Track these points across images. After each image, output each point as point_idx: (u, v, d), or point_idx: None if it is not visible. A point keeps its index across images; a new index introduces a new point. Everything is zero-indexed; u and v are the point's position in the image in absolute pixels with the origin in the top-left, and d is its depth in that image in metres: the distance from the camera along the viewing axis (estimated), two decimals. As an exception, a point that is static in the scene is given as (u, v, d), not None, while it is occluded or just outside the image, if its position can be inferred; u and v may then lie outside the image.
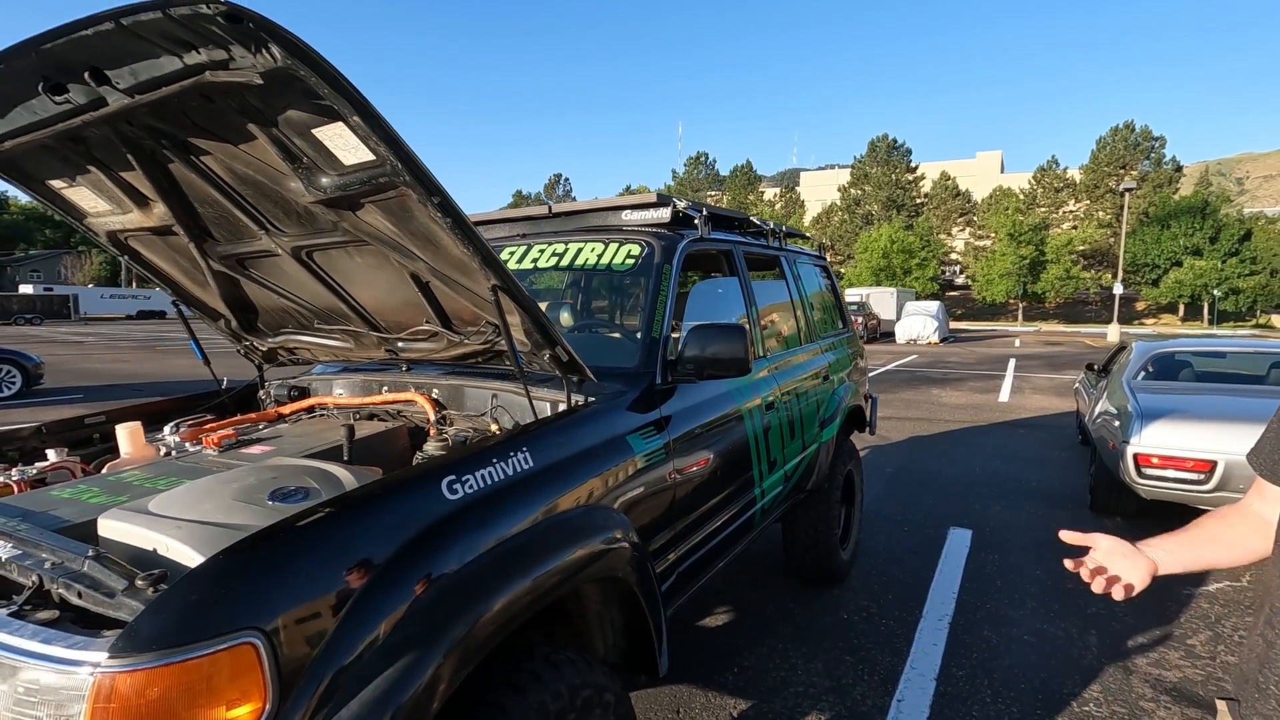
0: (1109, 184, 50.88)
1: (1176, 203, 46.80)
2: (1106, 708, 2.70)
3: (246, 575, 1.06)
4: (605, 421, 1.91)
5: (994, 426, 8.78)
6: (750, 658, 3.05)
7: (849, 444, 3.97)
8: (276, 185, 1.66)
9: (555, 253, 2.72)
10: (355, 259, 1.92)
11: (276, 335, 2.46)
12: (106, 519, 1.33)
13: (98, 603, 1.08)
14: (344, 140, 1.41)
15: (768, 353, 3.11)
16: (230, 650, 0.98)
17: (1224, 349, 6.13)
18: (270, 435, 2.13)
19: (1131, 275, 45.65)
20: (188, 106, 1.45)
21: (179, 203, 1.88)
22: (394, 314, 2.12)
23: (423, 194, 1.45)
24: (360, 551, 1.18)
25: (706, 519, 2.37)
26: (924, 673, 2.93)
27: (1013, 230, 45.74)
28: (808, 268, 4.01)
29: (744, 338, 2.13)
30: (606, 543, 1.67)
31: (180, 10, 1.12)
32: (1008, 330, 38.45)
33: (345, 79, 1.23)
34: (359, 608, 1.14)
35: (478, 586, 1.31)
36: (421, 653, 1.18)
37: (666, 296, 2.36)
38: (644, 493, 1.96)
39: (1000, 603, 3.62)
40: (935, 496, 5.55)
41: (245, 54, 1.21)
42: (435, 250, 1.68)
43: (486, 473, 1.47)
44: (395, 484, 1.35)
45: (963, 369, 16.31)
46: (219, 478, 1.49)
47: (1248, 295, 42.93)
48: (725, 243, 3.01)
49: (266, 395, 2.63)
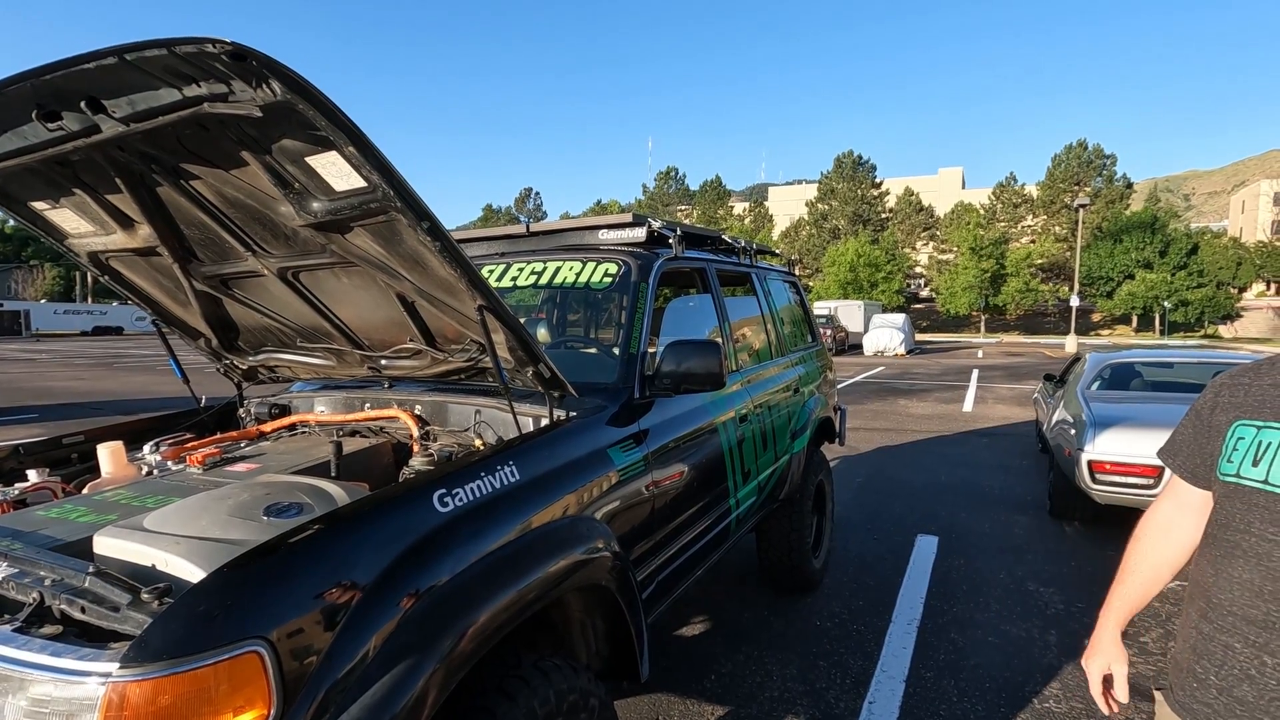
0: (1064, 200, 52.66)
1: (1128, 218, 48.68)
2: (1065, 703, 2.83)
3: (250, 587, 1.10)
4: (587, 435, 1.98)
5: (959, 436, 9.03)
6: (727, 665, 3.12)
7: (819, 455, 4.09)
8: (266, 209, 1.71)
9: (534, 271, 2.79)
10: (341, 279, 1.96)
11: (257, 353, 2.48)
12: (102, 536, 1.36)
13: (101, 617, 1.11)
14: (337, 168, 1.47)
15: (740, 367, 3.21)
16: (237, 659, 1.02)
17: (1171, 359, 6.46)
18: (253, 453, 2.15)
19: (1087, 288, 47.22)
20: (182, 134, 1.49)
21: (165, 225, 1.91)
22: (378, 332, 2.17)
23: (413, 219, 1.51)
24: (358, 563, 1.23)
25: (684, 528, 2.45)
26: (894, 675, 3.03)
27: (974, 244, 47.06)
28: (777, 283, 4.14)
29: (718, 353, 2.22)
30: (590, 552, 1.74)
31: (185, 48, 1.17)
32: (971, 342, 39.41)
33: (343, 113, 1.29)
34: (357, 617, 1.19)
35: (470, 596, 1.36)
36: (416, 660, 1.23)
37: (643, 313, 2.45)
38: (624, 503, 2.03)
39: (966, 606, 3.75)
40: (903, 505, 5.70)
41: (246, 88, 1.27)
42: (422, 271, 1.74)
43: (475, 486, 1.53)
44: (388, 498, 1.40)
45: (928, 380, 16.70)
46: (212, 494, 1.52)
47: (1196, 307, 44.76)
48: (699, 260, 3.11)
49: (246, 413, 2.64)
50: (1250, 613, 1.10)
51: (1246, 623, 1.11)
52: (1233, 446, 1.17)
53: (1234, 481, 1.15)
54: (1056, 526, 5.12)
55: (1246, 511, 1.14)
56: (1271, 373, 1.19)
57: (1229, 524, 1.17)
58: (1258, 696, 1.08)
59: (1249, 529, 1.13)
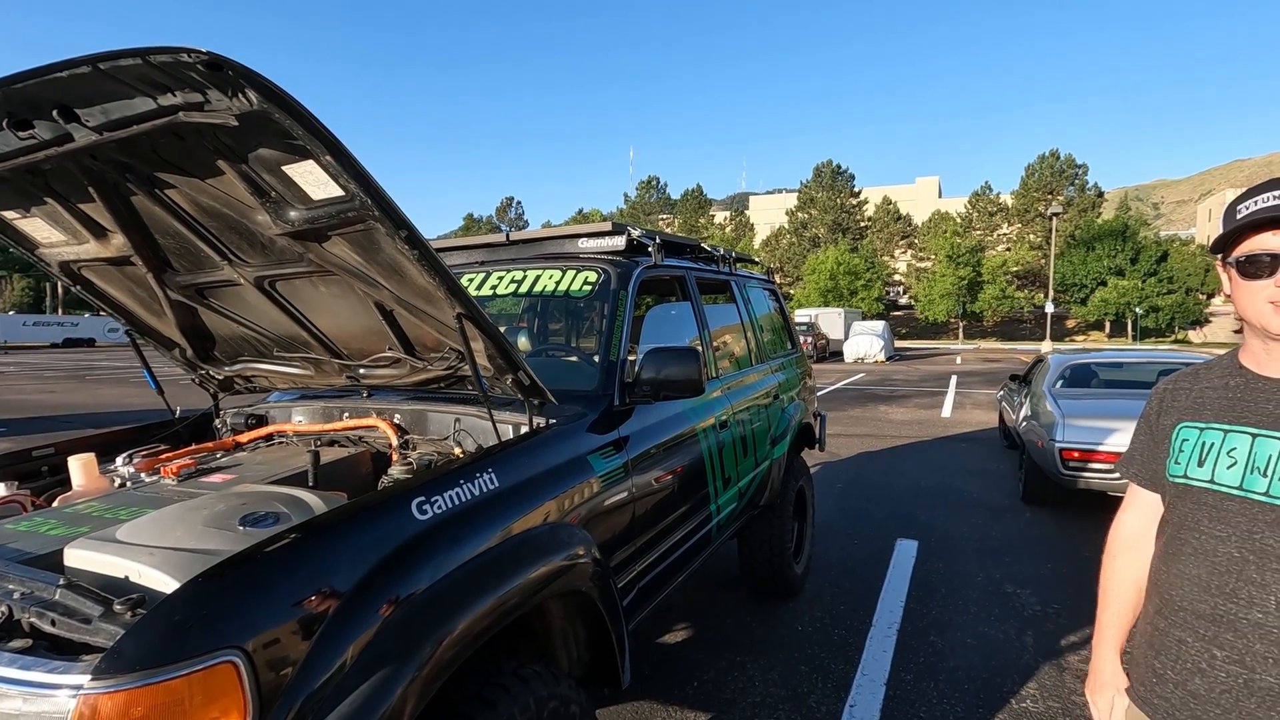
0: (1038, 208, 53.66)
1: (1100, 226, 49.74)
2: (1042, 703, 2.87)
3: (226, 597, 1.09)
4: (567, 442, 1.99)
5: (938, 441, 9.14)
6: (710, 671, 3.13)
7: (800, 460, 4.12)
8: (243, 218, 1.70)
9: (514, 279, 2.80)
10: (319, 288, 1.96)
11: (233, 363, 2.46)
12: (73, 549, 1.34)
13: (72, 630, 1.09)
14: (314, 177, 1.47)
15: (720, 373, 3.23)
16: (212, 669, 1.02)
17: (1121, 360, 7.17)
18: (229, 464, 2.13)
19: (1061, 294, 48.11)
20: (157, 143, 1.49)
21: (139, 234, 1.89)
22: (356, 341, 2.16)
23: (390, 228, 1.51)
24: (336, 572, 1.23)
25: (665, 535, 2.46)
26: (874, 678, 3.06)
27: (951, 252, 47.80)
28: (757, 291, 4.18)
29: (698, 360, 2.24)
30: (570, 559, 1.74)
31: (161, 58, 1.17)
32: (949, 348, 39.93)
33: (319, 122, 1.29)
34: (334, 626, 1.19)
35: (449, 603, 1.36)
36: (395, 669, 1.23)
37: (623, 321, 2.46)
38: (605, 510, 2.04)
39: (945, 609, 3.79)
40: (883, 509, 5.76)
41: (222, 98, 1.27)
42: (401, 280, 1.74)
43: (454, 493, 1.53)
44: (367, 505, 1.40)
45: (908, 386, 16.89)
46: (187, 505, 1.51)
47: (1166, 312, 45.78)
48: (678, 269, 3.14)
49: (222, 424, 2.61)
50: (1199, 607, 1.15)
51: (1196, 617, 1.15)
52: (1178, 448, 1.22)
53: (1182, 482, 1.20)
54: (1033, 529, 5.20)
55: (1194, 510, 1.18)
56: (1209, 376, 1.24)
57: (1179, 523, 1.21)
58: (1209, 689, 1.12)
59: (1197, 527, 1.17)
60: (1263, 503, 1.09)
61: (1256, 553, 1.09)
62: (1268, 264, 1.08)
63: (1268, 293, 1.09)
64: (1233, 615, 1.10)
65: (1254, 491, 1.10)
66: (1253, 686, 1.07)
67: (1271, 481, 1.08)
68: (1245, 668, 1.08)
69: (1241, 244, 1.12)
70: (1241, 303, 1.14)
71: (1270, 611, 1.06)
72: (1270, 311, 1.09)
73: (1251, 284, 1.11)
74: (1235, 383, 1.19)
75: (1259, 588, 1.08)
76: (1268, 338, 1.14)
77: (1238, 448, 1.13)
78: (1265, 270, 1.09)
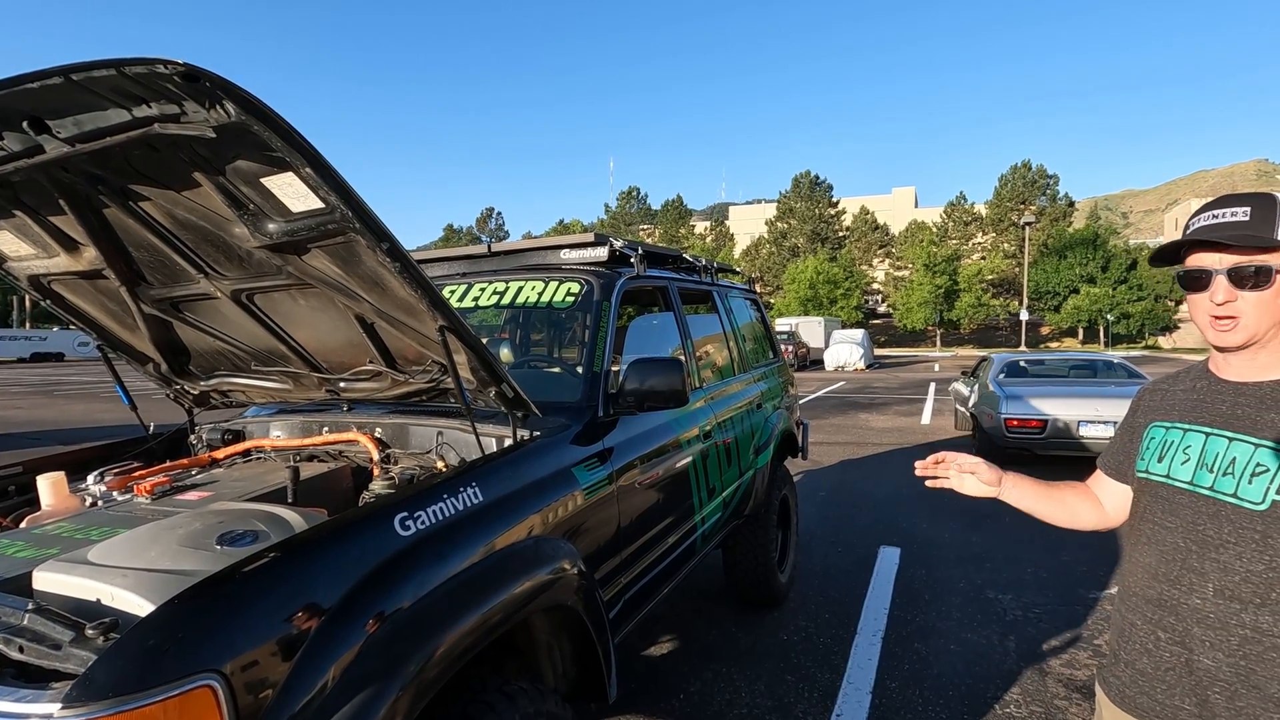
0: (1011, 218, 54.67)
1: (1071, 235, 50.78)
2: (1026, 708, 2.89)
3: (203, 619, 1.06)
4: (551, 455, 1.97)
5: (918, 448, 9.22)
6: (696, 683, 3.11)
7: (783, 469, 4.13)
8: (220, 230, 1.67)
9: (496, 291, 2.78)
10: (298, 301, 1.93)
11: (210, 378, 2.41)
12: (43, 571, 1.30)
13: (42, 656, 1.06)
14: (294, 189, 1.45)
15: (703, 383, 3.24)
16: (189, 694, 0.99)
17: (1044, 358, 9.66)
18: (206, 480, 2.08)
19: (1035, 302, 48.97)
20: (130, 155, 1.46)
21: (112, 247, 1.85)
22: (336, 354, 2.13)
23: (372, 240, 1.49)
24: (317, 590, 1.20)
25: (650, 546, 2.45)
26: (860, 687, 3.06)
27: (928, 261, 48.45)
28: (739, 301, 4.20)
29: (681, 370, 2.24)
30: (555, 572, 1.73)
31: (136, 69, 1.15)
32: (927, 355, 40.41)
33: (299, 134, 1.28)
34: (316, 646, 1.16)
35: (434, 620, 1.34)
36: (379, 689, 1.20)
37: (606, 332, 2.46)
38: (590, 523, 2.02)
39: (929, 615, 3.81)
40: (866, 517, 5.79)
41: (199, 109, 1.25)
42: (382, 292, 1.72)
43: (438, 508, 1.51)
44: (348, 522, 1.37)
45: (887, 394, 17.05)
46: (162, 524, 1.47)
47: (1137, 319, 46.78)
48: (661, 279, 3.14)
49: (198, 440, 2.56)
50: (1148, 593, 1.23)
51: (1145, 602, 1.23)
52: (1146, 445, 1.30)
53: (1144, 476, 1.29)
54: (1012, 534, 5.26)
55: (1151, 502, 1.26)
56: (1185, 379, 1.32)
57: (1139, 514, 1.30)
58: (1155, 668, 1.20)
59: (1151, 518, 1.25)
60: (1206, 496, 1.16)
61: (1198, 543, 1.16)
62: (1200, 279, 1.16)
63: (1205, 306, 1.17)
64: (1175, 600, 1.18)
65: (1201, 486, 1.17)
66: (1192, 666, 1.15)
67: (1216, 477, 1.15)
68: (1185, 649, 1.16)
69: (1187, 259, 1.20)
70: (1191, 314, 1.23)
71: (1208, 598, 1.14)
72: (1209, 324, 1.17)
73: (1194, 297, 1.19)
74: (1201, 385, 1.26)
75: (1199, 575, 1.15)
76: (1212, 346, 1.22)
77: (1193, 445, 1.21)
78: (1199, 285, 1.16)
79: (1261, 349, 1.16)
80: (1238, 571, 1.11)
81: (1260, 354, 1.16)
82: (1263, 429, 1.13)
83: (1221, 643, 1.12)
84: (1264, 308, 1.12)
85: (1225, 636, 1.12)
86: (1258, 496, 1.10)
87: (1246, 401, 1.17)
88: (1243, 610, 1.11)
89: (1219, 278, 1.14)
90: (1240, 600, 1.11)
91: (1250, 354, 1.17)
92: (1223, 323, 1.15)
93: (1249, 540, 1.11)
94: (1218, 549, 1.14)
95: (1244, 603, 1.11)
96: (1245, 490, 1.12)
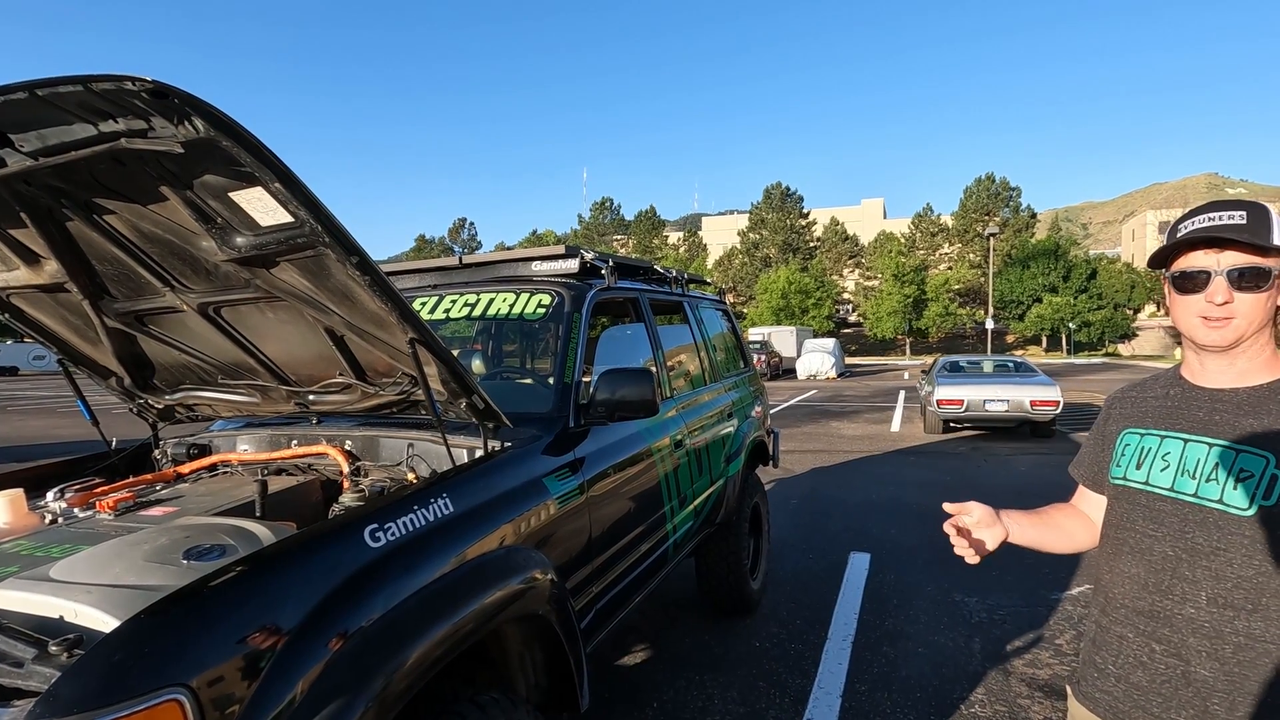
0: (976, 229, 55.99)
1: (1034, 246, 52.16)
2: (990, 708, 2.96)
3: (169, 634, 1.06)
4: (522, 465, 1.99)
5: (887, 455, 9.38)
6: (670, 691, 3.13)
7: (754, 477, 4.18)
8: (187, 244, 1.67)
9: (467, 303, 2.80)
10: (266, 314, 1.92)
11: (175, 392, 2.38)
12: (3, 589, 1.27)
13: (3, 674, 1.05)
14: (262, 203, 1.45)
15: (674, 393, 3.28)
16: (155, 709, 0.98)
17: (974, 360, 12.96)
18: (170, 496, 2.05)
19: (1000, 311, 50.13)
20: (96, 169, 1.45)
21: (74, 260, 1.83)
22: (305, 367, 2.12)
23: (341, 254, 1.50)
24: (285, 603, 1.20)
25: (622, 555, 2.47)
26: (830, 690, 3.10)
27: (896, 271, 49.38)
28: (709, 311, 4.26)
29: (651, 380, 2.27)
30: (526, 582, 1.74)
31: (103, 85, 1.15)
32: (897, 364, 41.07)
33: (268, 150, 1.29)
34: (285, 660, 1.16)
35: (404, 632, 1.34)
36: (348, 701, 1.20)
37: (577, 343, 2.49)
38: (561, 532, 2.04)
39: (897, 619, 3.88)
40: (837, 523, 5.87)
41: (167, 125, 1.25)
42: (352, 305, 1.73)
43: (408, 520, 1.52)
44: (317, 535, 1.38)
45: (858, 402, 17.29)
46: (126, 540, 1.45)
47: (1097, 327, 48.14)
48: (631, 290, 3.18)
49: (162, 455, 2.52)
50: (1138, 604, 1.21)
51: (1136, 614, 1.22)
52: (1120, 452, 1.30)
53: (1121, 484, 1.28)
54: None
55: (1131, 510, 1.26)
56: (1155, 386, 1.33)
57: (1118, 523, 1.29)
58: (1150, 681, 1.19)
59: (1133, 526, 1.25)
60: (1191, 503, 1.16)
61: (1188, 551, 1.15)
62: (1197, 280, 1.15)
63: (1198, 307, 1.16)
64: (1168, 611, 1.17)
65: (1184, 493, 1.17)
66: (1189, 677, 1.14)
67: (1199, 483, 1.15)
68: (1182, 660, 1.15)
69: (1179, 260, 1.19)
70: (1176, 315, 1.21)
71: (1201, 607, 1.13)
72: (1199, 324, 1.17)
73: (1185, 298, 1.18)
74: (1174, 392, 1.27)
75: (1191, 584, 1.15)
76: (1198, 349, 1.22)
77: (1171, 452, 1.21)
78: (1196, 285, 1.15)
79: (1241, 354, 1.17)
80: (1229, 578, 1.11)
81: (1239, 360, 1.17)
82: (1243, 435, 1.13)
83: (1217, 651, 1.12)
84: (1258, 309, 1.12)
85: (1220, 645, 1.11)
86: (1243, 502, 1.10)
87: (1224, 407, 1.18)
88: (1236, 617, 1.10)
89: (1218, 278, 1.13)
90: (1234, 607, 1.11)
91: (1229, 359, 1.18)
92: (1217, 322, 1.14)
93: (1238, 546, 1.10)
94: (1209, 556, 1.13)
95: (1237, 609, 1.10)
96: (1230, 496, 1.12)
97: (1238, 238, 1.11)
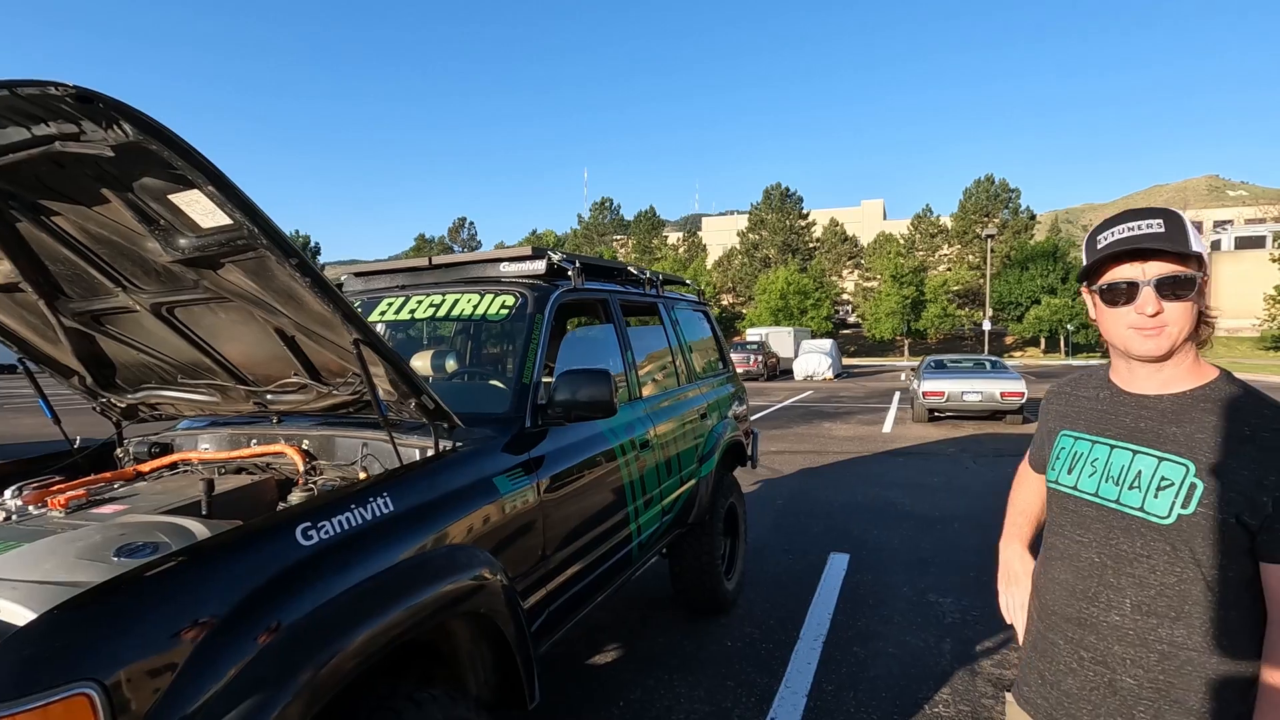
0: (975, 230, 55.94)
1: (1033, 247, 52.12)
2: (954, 708, 2.98)
3: (83, 628, 1.08)
4: (472, 465, 2.00)
5: (877, 456, 9.39)
6: (637, 690, 3.15)
7: (730, 478, 4.19)
8: (133, 245, 1.69)
9: (433, 303, 2.81)
10: (219, 315, 1.94)
11: (137, 391, 2.40)
12: (-68, 586, 1.30)
13: (-81, 669, 1.06)
14: (201, 206, 1.47)
15: (645, 394, 3.29)
16: (64, 702, 1.00)
17: (958, 358, 14.59)
18: (126, 494, 2.07)
19: (999, 313, 50.11)
20: (39, 171, 1.47)
21: (27, 261, 1.85)
22: (262, 367, 2.14)
23: (280, 256, 1.53)
24: (209, 599, 1.22)
25: (581, 555, 2.48)
26: (796, 690, 3.12)
27: (895, 272, 49.34)
28: (687, 313, 4.27)
29: (609, 381, 2.28)
30: (471, 581, 1.75)
31: (28, 90, 1.17)
32: (895, 365, 41.05)
33: (198, 153, 1.31)
34: (206, 654, 1.18)
35: (331, 628, 1.36)
36: (270, 695, 1.22)
37: (538, 345, 2.50)
38: (512, 532, 2.06)
39: (870, 620, 3.90)
40: (820, 524, 5.88)
41: (96, 129, 1.27)
42: (298, 306, 1.75)
43: (344, 518, 1.53)
44: (245, 533, 1.39)
45: (852, 403, 17.30)
46: (62, 537, 1.47)
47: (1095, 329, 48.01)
48: (601, 292, 3.20)
49: (125, 453, 2.54)
50: (1067, 611, 1.23)
51: (1066, 621, 1.23)
52: (1056, 454, 1.32)
53: (1054, 487, 1.30)
54: (960, 539, 5.40)
55: (1060, 515, 1.27)
56: (1088, 385, 1.33)
57: (1051, 527, 1.31)
58: (1080, 687, 1.20)
59: (1063, 532, 1.26)
60: (1114, 510, 1.17)
61: (1113, 558, 1.17)
62: (1125, 292, 1.14)
63: (1129, 319, 1.14)
64: (1095, 618, 1.18)
65: (1107, 499, 1.18)
66: (1115, 686, 1.15)
67: (1121, 490, 1.16)
68: (1108, 668, 1.16)
69: (1104, 274, 1.17)
70: (1105, 327, 1.20)
71: (1126, 614, 1.14)
72: (1133, 335, 1.15)
73: (1115, 310, 1.16)
74: (1104, 396, 1.27)
75: (1115, 591, 1.16)
76: (1130, 359, 1.21)
77: (1099, 458, 1.22)
78: (1124, 298, 1.14)
79: (1167, 362, 1.16)
80: (1152, 585, 1.12)
81: (1165, 367, 1.17)
82: (1165, 443, 1.13)
83: (1142, 659, 1.12)
84: (1186, 317, 1.12)
85: (1145, 653, 1.12)
86: (1164, 511, 1.11)
87: (1149, 415, 1.18)
88: (1159, 625, 1.11)
89: (1146, 289, 1.12)
90: (1157, 615, 1.11)
91: (1156, 366, 1.17)
92: (1150, 331, 1.13)
93: (1160, 554, 1.11)
94: (1132, 563, 1.14)
95: (1160, 617, 1.11)
96: (1151, 504, 1.12)
97: (1160, 247, 1.10)
